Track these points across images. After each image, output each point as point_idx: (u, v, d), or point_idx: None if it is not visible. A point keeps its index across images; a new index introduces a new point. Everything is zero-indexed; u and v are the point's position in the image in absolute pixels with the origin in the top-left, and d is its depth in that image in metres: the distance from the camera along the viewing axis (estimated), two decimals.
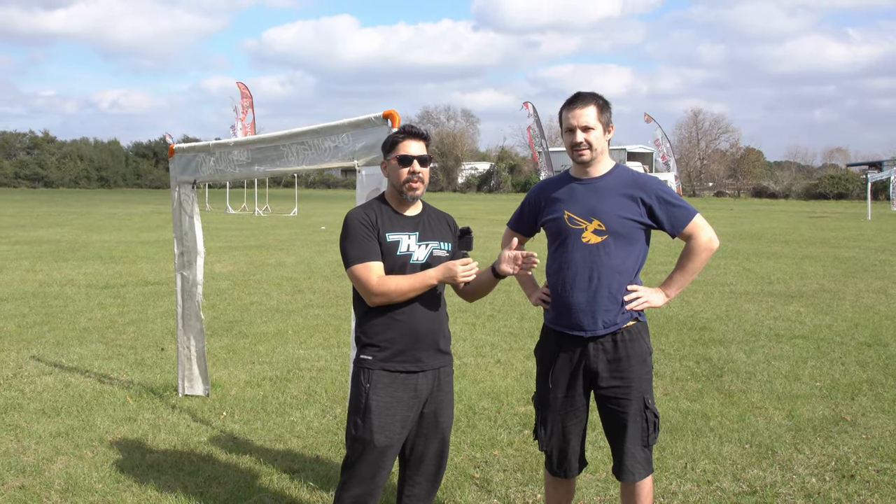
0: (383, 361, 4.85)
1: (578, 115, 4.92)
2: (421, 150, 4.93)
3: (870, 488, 6.64)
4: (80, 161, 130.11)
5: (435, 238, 5.01)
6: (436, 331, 4.97)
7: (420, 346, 4.89)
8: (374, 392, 4.82)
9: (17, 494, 6.52)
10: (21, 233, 32.81)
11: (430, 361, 4.95)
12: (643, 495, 5.13)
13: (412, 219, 5.00)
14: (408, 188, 4.89)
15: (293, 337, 12.50)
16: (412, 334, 4.86)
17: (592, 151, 4.95)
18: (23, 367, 10.53)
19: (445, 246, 5.03)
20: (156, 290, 17.46)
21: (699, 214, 5.02)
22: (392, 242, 4.85)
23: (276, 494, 6.54)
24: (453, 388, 5.19)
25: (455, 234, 5.17)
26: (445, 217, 5.23)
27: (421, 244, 4.93)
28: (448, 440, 5.17)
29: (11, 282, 18.48)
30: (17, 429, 8.09)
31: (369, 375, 4.85)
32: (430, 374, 4.96)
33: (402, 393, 4.86)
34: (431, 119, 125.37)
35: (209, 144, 8.38)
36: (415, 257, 4.90)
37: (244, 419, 8.48)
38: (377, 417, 4.80)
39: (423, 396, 4.94)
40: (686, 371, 10.34)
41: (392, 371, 4.85)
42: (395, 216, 4.95)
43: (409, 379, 4.88)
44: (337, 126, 6.64)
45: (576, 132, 4.92)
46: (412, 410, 4.90)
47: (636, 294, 4.98)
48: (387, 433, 4.82)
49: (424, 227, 5.01)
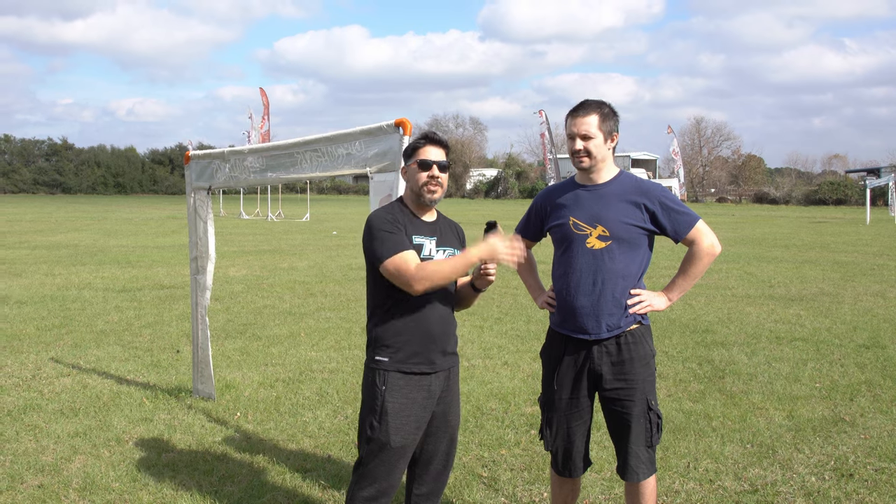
0: (399, 363, 4.83)
1: (579, 123, 4.93)
2: (441, 156, 4.91)
3: (868, 487, 6.64)
4: (97, 168, 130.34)
5: (449, 244, 5.01)
6: (448, 332, 4.97)
7: (434, 348, 4.88)
8: (390, 394, 4.80)
9: (37, 493, 6.53)
10: (40, 238, 32.87)
11: (442, 362, 4.94)
12: (647, 494, 5.13)
13: (430, 224, 5.00)
14: (427, 191, 4.87)
15: (305, 339, 12.50)
16: (427, 336, 4.85)
17: (591, 159, 4.95)
18: (42, 368, 10.55)
19: (457, 253, 5.02)
20: (171, 293, 17.48)
21: (701, 220, 5.02)
22: (417, 245, 4.83)
23: (289, 493, 6.55)
24: (460, 388, 5.19)
25: (462, 243, 5.17)
26: (455, 226, 5.24)
27: (439, 249, 4.93)
28: (456, 439, 5.17)
29: (31, 285, 18.51)
30: (36, 429, 8.10)
31: (385, 377, 4.82)
32: (441, 374, 4.95)
33: (417, 394, 4.84)
34: (441, 127, 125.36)
35: (224, 151, 8.40)
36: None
37: (257, 419, 8.48)
38: (394, 419, 4.78)
39: (436, 397, 4.93)
40: (689, 373, 10.33)
41: (407, 373, 4.83)
42: (415, 220, 4.93)
43: (424, 380, 4.87)
44: (350, 134, 6.65)
45: (576, 140, 4.93)
46: (426, 411, 4.89)
47: (639, 298, 4.98)
48: (403, 434, 4.80)
49: (441, 233, 5.01)
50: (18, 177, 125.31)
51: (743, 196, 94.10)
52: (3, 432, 7.98)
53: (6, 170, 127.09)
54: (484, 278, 4.89)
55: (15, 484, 6.70)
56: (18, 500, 6.38)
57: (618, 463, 5.18)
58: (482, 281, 4.93)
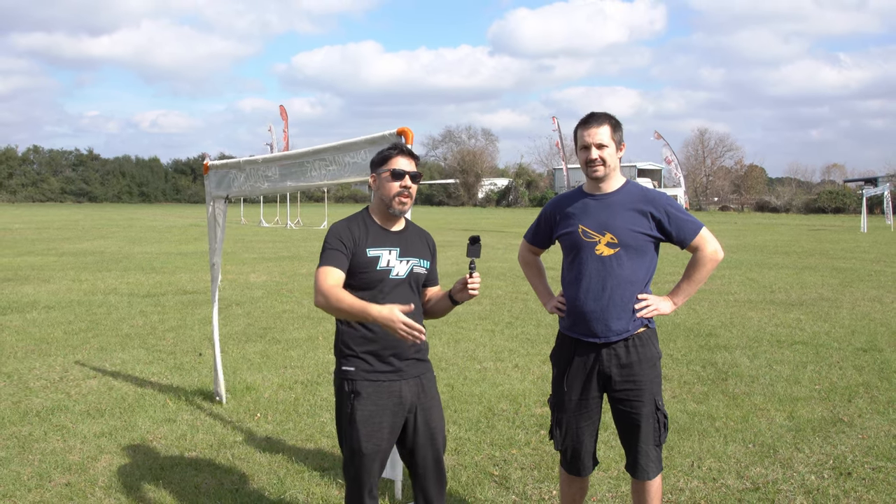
0: (366, 372, 4.74)
1: (593, 133, 4.92)
2: (412, 167, 4.83)
3: (866, 485, 6.62)
4: (122, 177, 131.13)
5: (415, 255, 4.91)
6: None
7: (400, 356, 4.78)
8: (359, 402, 4.71)
9: (64, 491, 6.55)
10: (67, 245, 33.00)
11: (411, 370, 4.85)
12: (653, 492, 5.12)
13: (395, 234, 4.89)
14: (397, 202, 4.77)
15: (323, 343, 12.50)
16: (392, 345, 4.73)
17: (606, 168, 4.94)
18: (69, 371, 10.59)
19: (425, 263, 4.96)
20: (193, 298, 17.53)
21: (705, 228, 5.01)
22: (372, 257, 4.72)
23: (307, 491, 6.56)
24: (438, 392, 5.13)
25: (433, 253, 5.11)
26: (425, 235, 5.13)
27: (402, 260, 4.82)
28: (442, 441, 5.05)
29: (58, 291, 18.58)
30: (63, 429, 8.13)
31: (353, 386, 4.74)
32: (412, 381, 4.85)
33: (387, 401, 4.74)
34: (454, 138, 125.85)
35: (240, 161, 8.43)
36: (395, 272, 4.78)
37: (277, 420, 8.49)
38: (363, 426, 4.69)
39: (408, 403, 4.83)
40: (693, 375, 10.31)
41: (375, 381, 4.74)
42: (378, 231, 4.83)
43: (393, 387, 4.76)
44: (355, 143, 6.65)
45: (591, 149, 4.92)
46: (398, 417, 4.79)
47: (646, 302, 4.98)
48: (374, 441, 4.71)
49: (406, 244, 4.90)
50: (47, 186, 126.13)
51: (745, 204, 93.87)
52: (32, 432, 8.01)
53: (35, 179, 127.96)
54: (465, 292, 4.81)
55: (44, 482, 6.73)
56: (47, 498, 6.40)
57: (627, 461, 5.17)
58: (463, 294, 4.84)
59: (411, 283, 4.87)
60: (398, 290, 4.79)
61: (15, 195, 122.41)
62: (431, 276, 5.08)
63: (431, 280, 5.10)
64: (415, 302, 4.83)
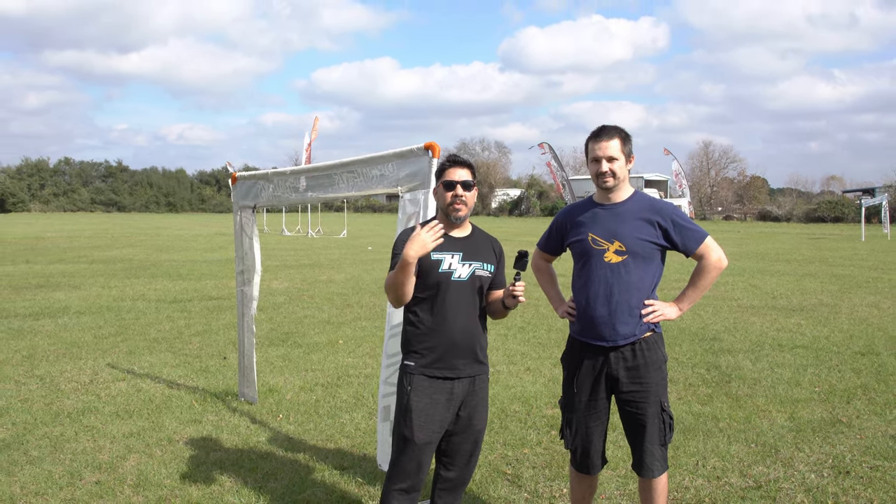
0: (424, 367, 4.88)
1: (604, 146, 4.94)
2: (465, 175, 4.92)
3: (864, 483, 6.60)
4: (149, 188, 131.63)
5: (479, 259, 5.00)
6: (472, 342, 4.96)
7: (457, 355, 4.89)
8: (415, 394, 4.86)
9: (94, 489, 6.57)
10: (97, 253, 33.06)
11: (466, 370, 4.95)
12: (659, 489, 5.12)
13: (458, 240, 4.99)
14: (451, 210, 4.90)
15: (343, 347, 12.52)
16: (450, 344, 4.87)
17: (616, 179, 4.95)
18: (98, 373, 10.61)
19: (489, 267, 5.03)
20: (219, 304, 17.56)
21: (710, 236, 5.01)
22: (435, 261, 4.84)
23: (328, 489, 6.55)
24: (488, 395, 5.18)
25: (498, 257, 5.17)
26: (492, 241, 5.21)
27: (464, 263, 4.92)
28: (480, 440, 5.15)
29: (88, 297, 18.63)
30: (93, 430, 8.15)
31: (411, 379, 4.90)
32: (465, 380, 4.95)
33: (440, 396, 4.87)
34: (468, 150, 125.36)
35: (268, 173, 8.44)
36: (456, 275, 4.89)
37: (298, 421, 8.50)
38: (417, 417, 4.83)
39: (458, 400, 4.94)
40: (697, 377, 10.29)
41: (431, 377, 4.88)
42: (443, 237, 4.91)
43: (446, 384, 4.89)
44: (383, 156, 6.66)
45: (601, 162, 4.93)
46: (449, 412, 4.92)
47: (652, 308, 4.97)
48: (426, 431, 4.84)
49: (469, 248, 4.99)
50: (77, 196, 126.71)
51: (748, 214, 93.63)
52: (63, 433, 8.04)
53: (66, 190, 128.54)
54: (510, 298, 4.87)
55: (74, 480, 6.75)
56: (77, 496, 6.42)
57: (634, 460, 5.17)
58: (510, 301, 4.91)
59: (473, 285, 4.96)
60: (460, 291, 4.92)
61: (47, 205, 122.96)
62: (497, 280, 5.14)
63: (497, 283, 5.15)
64: (476, 304, 5.01)
